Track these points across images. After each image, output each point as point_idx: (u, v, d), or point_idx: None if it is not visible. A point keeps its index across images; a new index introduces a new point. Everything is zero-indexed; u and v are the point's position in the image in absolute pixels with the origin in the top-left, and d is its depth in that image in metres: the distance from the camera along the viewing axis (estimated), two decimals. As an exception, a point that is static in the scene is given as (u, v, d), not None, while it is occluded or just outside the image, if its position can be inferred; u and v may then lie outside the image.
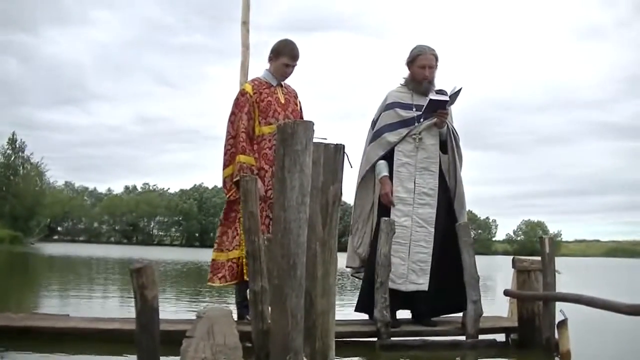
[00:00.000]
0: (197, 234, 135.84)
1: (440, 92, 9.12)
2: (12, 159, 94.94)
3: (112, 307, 12.87)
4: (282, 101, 8.80)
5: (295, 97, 9.07)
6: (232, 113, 8.71)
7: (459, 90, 8.89)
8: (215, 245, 8.79)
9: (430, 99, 8.85)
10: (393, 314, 8.61)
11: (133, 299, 4.70)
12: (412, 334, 8.59)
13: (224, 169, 8.67)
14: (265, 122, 8.64)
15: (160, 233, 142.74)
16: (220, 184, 8.98)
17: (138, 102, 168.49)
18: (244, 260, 8.31)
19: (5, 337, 7.99)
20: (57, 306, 12.68)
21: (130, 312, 6.43)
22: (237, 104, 8.71)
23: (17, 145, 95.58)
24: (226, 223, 8.74)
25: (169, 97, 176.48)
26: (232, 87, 9.30)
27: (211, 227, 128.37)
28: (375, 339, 8.31)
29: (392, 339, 8.32)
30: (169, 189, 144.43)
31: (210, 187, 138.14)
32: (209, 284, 8.80)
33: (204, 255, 36.82)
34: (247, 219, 5.72)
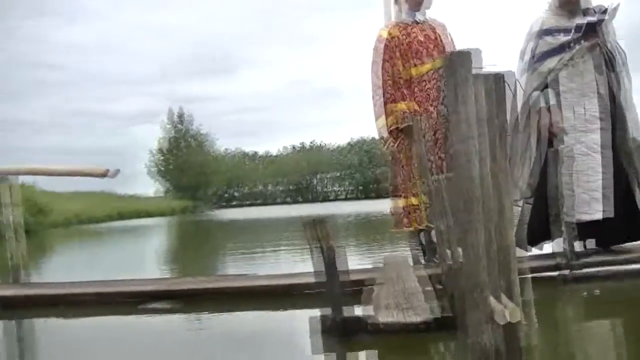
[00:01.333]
0: (365, 187, 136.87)
1: (597, 9, 8.64)
2: (182, 132, 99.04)
3: (291, 264, 13.24)
4: (422, 39, 8.60)
5: (443, 30, 8.84)
6: (374, 62, 8.62)
7: (617, 6, 8.40)
8: (393, 193, 8.78)
9: (588, 21, 8.41)
10: (571, 246, 8.32)
11: (311, 254, 4.82)
12: (594, 265, 8.29)
13: (376, 120, 8.64)
14: (410, 64, 8.51)
15: (330, 189, 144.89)
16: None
17: (286, 65, 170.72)
18: (418, 204, 8.31)
19: (197, 299, 8.44)
20: (240, 267, 13.19)
21: (308, 266, 6.60)
22: (377, 52, 8.61)
23: (184, 118, 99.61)
24: (398, 170, 8.70)
25: (316, 55, 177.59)
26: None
27: (383, 177, 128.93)
28: (555, 273, 8.10)
29: (574, 271, 8.08)
30: (335, 143, 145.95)
31: (377, 138, 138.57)
32: (393, 230, 8.83)
33: (376, 206, 37.10)
34: (419, 161, 5.69)
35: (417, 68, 8.41)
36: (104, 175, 9.52)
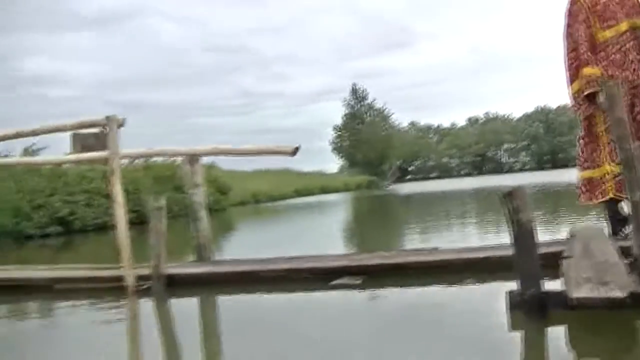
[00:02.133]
0: (547, 156, 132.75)
1: None
2: (357, 108, 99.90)
3: (476, 237, 13.02)
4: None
5: None
6: (568, 25, 8.20)
7: None
8: (582, 163, 8.38)
9: None
10: None
11: (508, 226, 4.67)
12: None
13: (570, 85, 8.22)
14: (605, 25, 8.03)
15: (509, 160, 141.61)
16: (565, 102, 8.55)
17: (462, 35, 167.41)
18: (606, 174, 7.91)
19: (384, 274, 8.46)
20: (423, 241, 13.12)
21: (498, 239, 6.42)
22: (570, 14, 8.19)
23: (360, 95, 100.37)
24: (590, 139, 8.28)
25: (494, 23, 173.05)
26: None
27: (561, 148, 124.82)
28: None
29: None
30: (511, 114, 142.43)
31: (554, 107, 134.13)
32: (583, 202, 8.45)
33: (555, 177, 35.88)
34: (616, 126, 5.36)
35: (614, 28, 7.94)
36: (291, 153, 9.70)
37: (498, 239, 10.74)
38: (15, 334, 7.71)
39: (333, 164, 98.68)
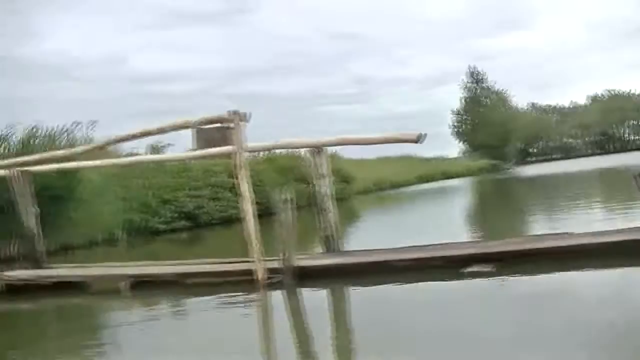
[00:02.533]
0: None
1: None
2: (476, 91, 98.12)
3: (606, 219, 12.50)
4: None
5: None
6: None
7: None
8: None
9: None
10: None
11: (627, 208, 4.40)
12: None
13: None
14: None
15: (635, 137, 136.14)
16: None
17: (580, 10, 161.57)
18: None
19: (516, 260, 8.21)
20: (551, 224, 12.71)
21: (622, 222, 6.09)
22: None
23: (478, 77, 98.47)
24: None
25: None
26: None
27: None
28: None
29: None
30: (635, 90, 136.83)
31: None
32: None
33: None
34: None
35: None
36: (416, 140, 9.54)
37: (630, 221, 10.26)
38: (150, 330, 7.88)
39: (453, 148, 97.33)
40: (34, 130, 17.58)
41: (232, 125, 9.28)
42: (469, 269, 8.19)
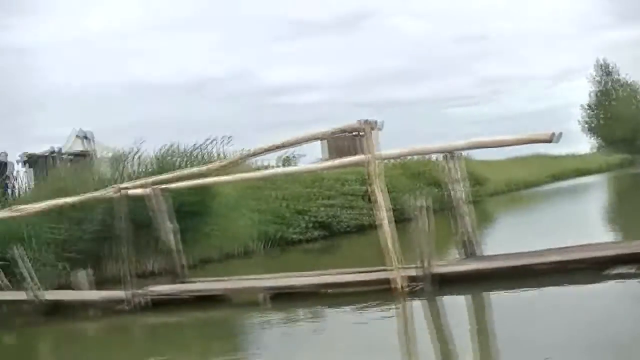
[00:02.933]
0: None
1: None
2: (605, 84, 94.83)
3: None
4: None
5: None
6: None
7: None
8: None
9: None
10: None
11: None
12: None
13: None
14: None
15: None
16: None
17: None
18: None
19: None
20: None
21: None
22: None
23: (607, 70, 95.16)
24: None
25: None
26: None
27: None
28: None
29: None
30: None
31: None
32: None
33: None
34: None
35: None
36: (550, 140, 9.23)
37: None
38: (290, 340, 7.93)
39: (583, 144, 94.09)
40: (170, 148, 18.08)
41: (362, 133, 9.24)
42: (614, 271, 7.82)
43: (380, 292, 9.23)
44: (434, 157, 18.19)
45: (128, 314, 10.67)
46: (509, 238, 15.92)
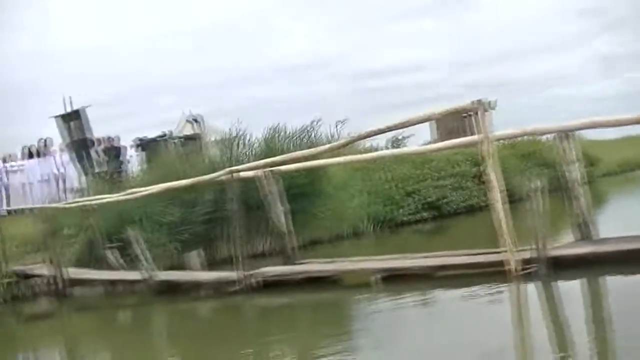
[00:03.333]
0: None
1: None
2: None
3: None
4: None
5: None
6: None
7: None
8: None
9: None
10: None
11: None
12: None
13: None
14: None
15: None
16: None
17: None
18: None
19: None
20: None
21: None
22: None
23: None
24: None
25: None
26: None
27: None
28: None
29: None
30: None
31: None
32: None
33: None
34: None
35: None
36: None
37: None
38: (401, 322, 7.94)
39: None
40: (277, 130, 18.26)
41: (474, 113, 9.11)
42: None
43: (492, 275, 9.06)
44: (544, 137, 17.76)
45: (238, 294, 10.89)
46: (624, 220, 15.39)
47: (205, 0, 56.15)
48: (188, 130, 22.95)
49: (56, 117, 20.91)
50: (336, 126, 18.63)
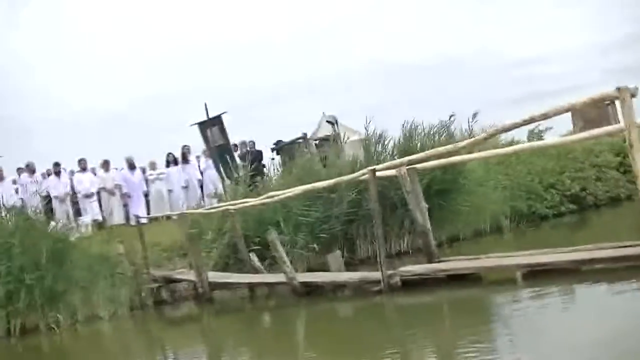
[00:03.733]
0: None
1: None
2: None
3: None
4: None
5: None
6: None
7: None
8: None
9: None
10: None
11: None
12: None
13: None
14: None
15: None
16: None
17: None
18: None
19: None
20: None
21: None
22: None
23: None
24: None
25: None
26: None
27: None
28: None
29: None
30: None
31: None
32: None
33: None
34: None
35: None
36: None
37: None
38: (542, 318, 7.81)
39: None
40: (414, 126, 18.19)
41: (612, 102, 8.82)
42: None
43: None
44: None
45: (378, 294, 10.96)
46: None
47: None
48: (326, 131, 23.20)
49: (197, 124, 21.56)
50: (470, 121, 18.34)
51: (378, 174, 11.98)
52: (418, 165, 12.04)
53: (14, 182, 21.49)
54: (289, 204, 15.60)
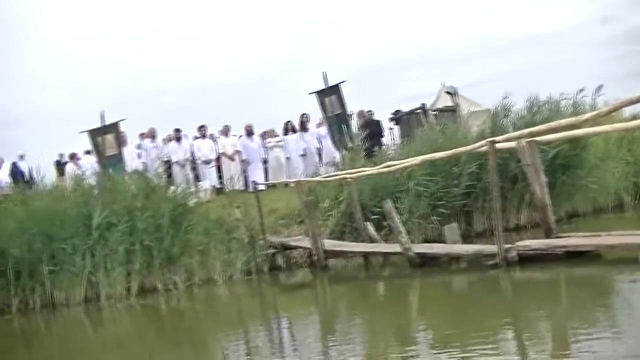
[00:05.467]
0: None
1: None
2: None
3: None
4: None
5: None
6: None
7: None
8: None
9: None
10: None
11: None
12: None
13: None
14: None
15: None
16: None
17: None
18: None
19: None
20: None
21: None
22: None
23: None
24: None
25: None
26: None
27: None
28: None
29: None
30: None
31: None
32: None
33: None
34: None
35: None
36: None
37: None
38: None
39: None
40: (537, 99, 17.96)
41: None
42: None
43: None
44: None
45: (493, 268, 10.95)
46: None
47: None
48: (446, 102, 23.07)
49: (314, 92, 21.81)
50: (594, 93, 17.93)
51: (498, 146, 11.87)
52: (539, 138, 11.87)
53: (138, 146, 22.38)
54: (407, 174, 15.72)
